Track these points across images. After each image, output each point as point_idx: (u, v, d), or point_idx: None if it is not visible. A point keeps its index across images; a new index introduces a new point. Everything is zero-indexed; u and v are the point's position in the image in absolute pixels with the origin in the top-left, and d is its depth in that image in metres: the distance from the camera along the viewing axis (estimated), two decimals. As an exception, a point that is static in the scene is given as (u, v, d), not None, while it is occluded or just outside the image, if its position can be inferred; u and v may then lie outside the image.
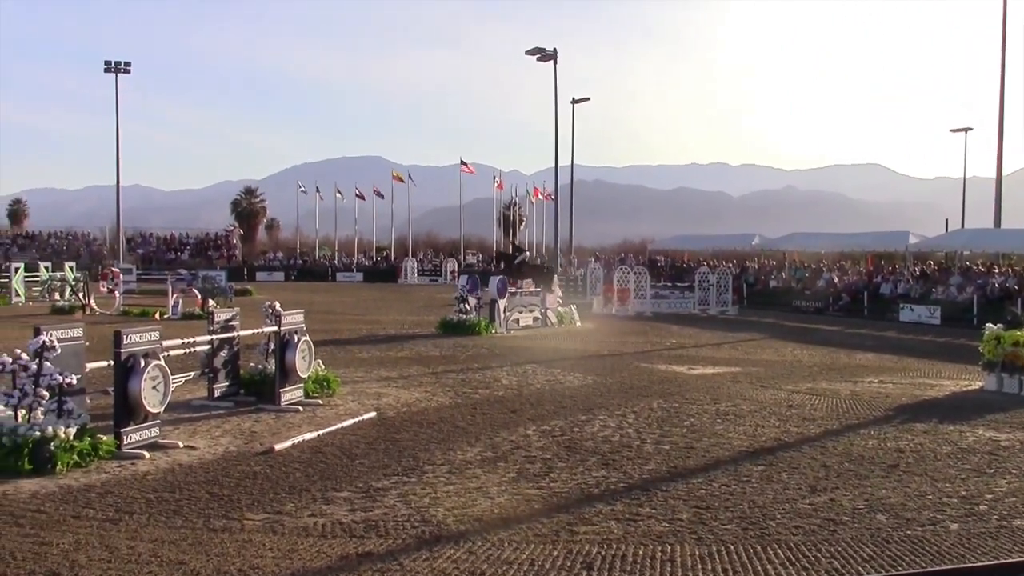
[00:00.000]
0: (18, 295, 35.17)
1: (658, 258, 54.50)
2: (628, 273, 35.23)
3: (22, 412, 8.79)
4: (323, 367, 13.63)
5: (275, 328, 12.51)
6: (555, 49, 48.68)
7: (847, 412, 12.89)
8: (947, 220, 51.16)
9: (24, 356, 8.84)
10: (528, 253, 34.32)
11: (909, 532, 7.27)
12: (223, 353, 12.66)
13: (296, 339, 12.55)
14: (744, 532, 7.19)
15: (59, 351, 9.02)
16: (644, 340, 23.66)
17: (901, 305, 33.11)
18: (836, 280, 38.13)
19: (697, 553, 6.70)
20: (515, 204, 79.46)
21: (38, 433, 8.60)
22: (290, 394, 12.44)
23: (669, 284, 38.82)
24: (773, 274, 42.98)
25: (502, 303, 25.01)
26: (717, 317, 33.36)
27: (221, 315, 12.98)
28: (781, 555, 6.69)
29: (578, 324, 27.69)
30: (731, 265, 45.63)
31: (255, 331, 13.07)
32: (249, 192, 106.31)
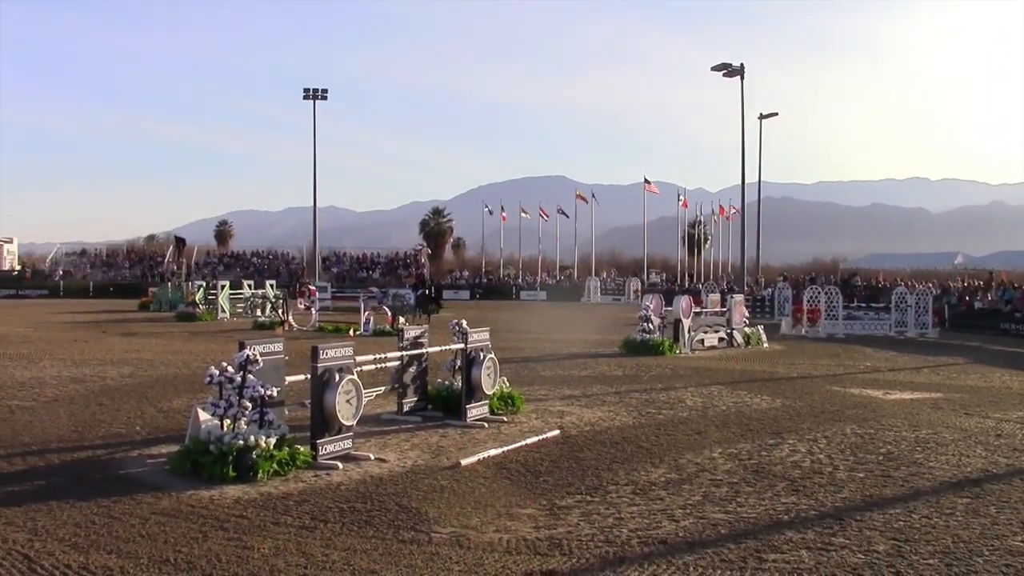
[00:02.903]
0: (224, 311, 37.58)
1: (855, 278, 52.30)
2: (819, 293, 34.04)
3: (227, 421, 9.28)
4: (508, 384, 13.78)
5: (461, 345, 12.75)
6: (742, 64, 47.83)
7: (1064, 444, 11.94)
8: None
9: (230, 369, 9.35)
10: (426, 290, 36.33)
11: None
12: (412, 369, 13.01)
13: (482, 356, 12.76)
14: (948, 568, 6.74)
15: (261, 364, 9.49)
16: (836, 363, 22.76)
17: (1125, 329, 30.48)
18: (1050, 301, 35.49)
19: (896, 588, 6.36)
20: (700, 222, 78.48)
21: (242, 442, 9.07)
22: (476, 410, 12.65)
23: (863, 305, 37.17)
24: (978, 295, 40.42)
25: (687, 323, 24.66)
26: (916, 340, 31.70)
27: (410, 332, 13.32)
28: (990, 595, 6.26)
29: (765, 345, 26.97)
30: (931, 285, 43.29)
31: (442, 348, 13.37)
32: (437, 212, 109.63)
